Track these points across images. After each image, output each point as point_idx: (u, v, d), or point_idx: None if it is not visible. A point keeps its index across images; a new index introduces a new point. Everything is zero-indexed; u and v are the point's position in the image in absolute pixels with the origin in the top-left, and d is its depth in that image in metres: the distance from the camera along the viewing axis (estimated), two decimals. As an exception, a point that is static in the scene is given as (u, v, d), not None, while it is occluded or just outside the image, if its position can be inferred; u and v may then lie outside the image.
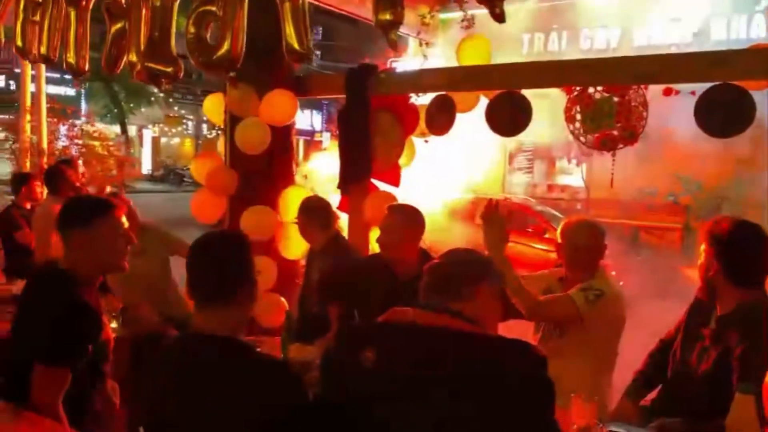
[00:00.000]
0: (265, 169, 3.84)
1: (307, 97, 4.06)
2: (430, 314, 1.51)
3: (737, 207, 8.58)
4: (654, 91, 3.11)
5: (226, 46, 2.85)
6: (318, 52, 13.14)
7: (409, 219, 2.88)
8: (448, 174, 8.46)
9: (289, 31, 2.71)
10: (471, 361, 1.41)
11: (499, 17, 2.41)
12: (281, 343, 2.58)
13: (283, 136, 3.90)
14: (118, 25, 3.32)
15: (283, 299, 3.58)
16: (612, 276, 2.74)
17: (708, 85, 2.86)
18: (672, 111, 3.39)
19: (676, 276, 9.39)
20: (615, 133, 3.16)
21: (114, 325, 3.02)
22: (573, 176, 10.15)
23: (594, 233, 2.63)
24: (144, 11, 3.12)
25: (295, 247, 3.79)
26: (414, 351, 1.46)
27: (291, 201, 3.85)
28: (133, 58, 3.16)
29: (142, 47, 3.12)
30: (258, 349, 2.34)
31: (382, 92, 3.68)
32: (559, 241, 2.67)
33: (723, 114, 2.84)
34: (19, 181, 5.15)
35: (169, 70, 3.09)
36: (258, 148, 3.74)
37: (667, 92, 3.06)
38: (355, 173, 3.70)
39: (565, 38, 10.66)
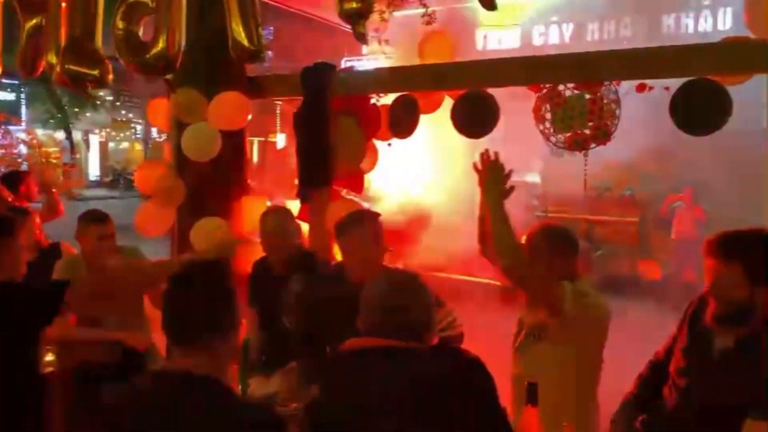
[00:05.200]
0: (216, 178, 3.56)
1: (261, 98, 3.80)
2: (373, 338, 1.64)
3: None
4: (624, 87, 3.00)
5: (161, 44, 2.55)
6: (270, 52, 12.79)
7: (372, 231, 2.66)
8: (413, 173, 8.32)
9: (237, 27, 2.44)
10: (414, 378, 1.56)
11: (489, 4, 2.22)
12: (239, 374, 2.34)
13: (235, 141, 3.64)
14: (34, 21, 2.93)
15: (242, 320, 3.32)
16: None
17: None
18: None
19: (634, 270, 9.52)
20: (587, 132, 3.03)
21: (50, 357, 2.74)
22: (530, 172, 10.13)
23: (562, 237, 2.48)
24: (63, 4, 2.74)
25: (251, 261, 3.53)
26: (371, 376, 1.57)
27: (247, 211, 3.60)
28: (52, 59, 2.78)
29: (62, 46, 2.75)
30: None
31: (341, 92, 3.47)
32: (525, 248, 2.50)
33: (699, 110, 2.74)
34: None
35: (95, 72, 2.73)
36: (207, 154, 3.46)
37: (641, 88, 2.94)
38: (315, 179, 3.47)
39: (519, 35, 10.64)
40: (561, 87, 3.05)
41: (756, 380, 1.77)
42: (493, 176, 2.39)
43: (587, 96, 3.01)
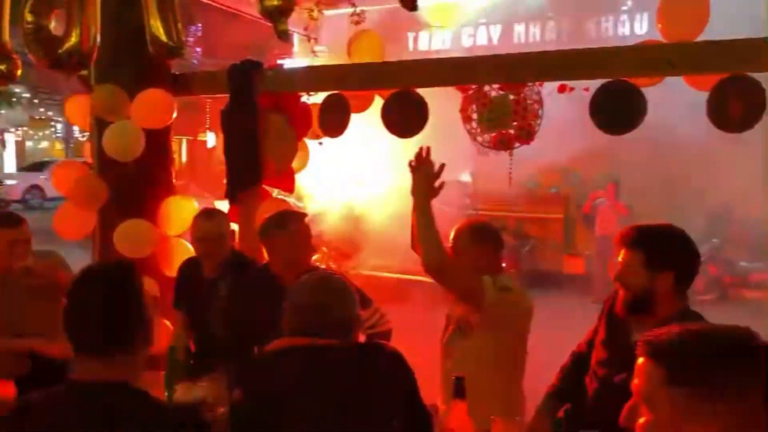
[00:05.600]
0: (140, 178, 3.45)
1: (187, 96, 3.71)
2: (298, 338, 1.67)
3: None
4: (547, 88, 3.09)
5: (74, 39, 2.42)
6: (198, 49, 12.47)
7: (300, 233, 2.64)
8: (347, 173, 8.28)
9: (155, 22, 2.36)
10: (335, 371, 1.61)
11: (410, 4, 2.23)
12: (165, 380, 2.27)
13: (159, 140, 3.53)
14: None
15: (168, 323, 3.22)
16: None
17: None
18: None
19: (560, 265, 9.87)
20: (512, 132, 3.11)
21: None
22: (462, 171, 10.32)
23: (489, 232, 2.54)
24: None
25: (179, 263, 3.44)
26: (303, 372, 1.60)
27: (173, 212, 3.50)
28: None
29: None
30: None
31: (269, 90, 3.42)
32: (452, 243, 2.56)
33: (617, 110, 2.86)
34: None
35: (2, 68, 2.59)
36: (130, 154, 3.35)
37: (562, 89, 3.04)
38: (245, 179, 3.41)
39: (449, 36, 10.80)
40: (487, 88, 3.12)
41: None
42: (422, 172, 2.42)
43: (511, 96, 3.10)
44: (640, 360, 1.11)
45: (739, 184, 8.58)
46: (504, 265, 2.60)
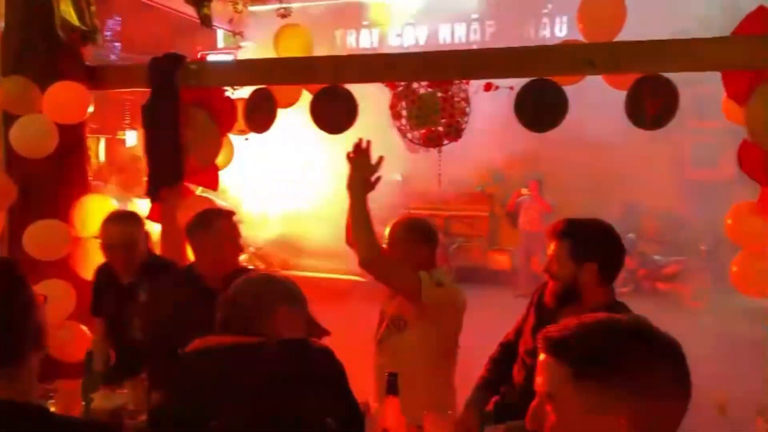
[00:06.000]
0: (52, 176, 3.25)
1: (103, 90, 3.53)
2: (217, 336, 1.60)
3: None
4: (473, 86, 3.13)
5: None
6: (117, 44, 11.93)
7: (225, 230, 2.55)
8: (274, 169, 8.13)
9: (65, 5, 2.22)
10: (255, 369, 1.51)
11: (204, 20, 2.17)
12: (82, 388, 2.14)
13: (73, 136, 3.34)
14: None
15: (85, 328, 3.05)
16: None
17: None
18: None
19: (486, 261, 10.10)
20: (440, 129, 3.14)
21: None
22: (392, 169, 10.42)
23: (424, 229, 2.55)
24: None
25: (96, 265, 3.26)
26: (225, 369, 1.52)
27: (89, 212, 3.32)
28: None
29: None
30: (52, 401, 1.93)
31: (192, 84, 3.30)
32: (388, 239, 2.55)
33: (539, 108, 2.93)
34: None
35: None
36: (42, 150, 3.15)
37: (488, 87, 3.09)
38: (166, 176, 3.27)
39: (376, 35, 10.84)
40: (415, 85, 3.13)
41: None
42: (359, 166, 2.39)
43: (439, 94, 3.12)
44: (542, 357, 1.09)
45: (653, 181, 9.06)
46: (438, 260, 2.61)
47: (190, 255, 3.19)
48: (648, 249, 9.25)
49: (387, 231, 2.52)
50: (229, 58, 6.42)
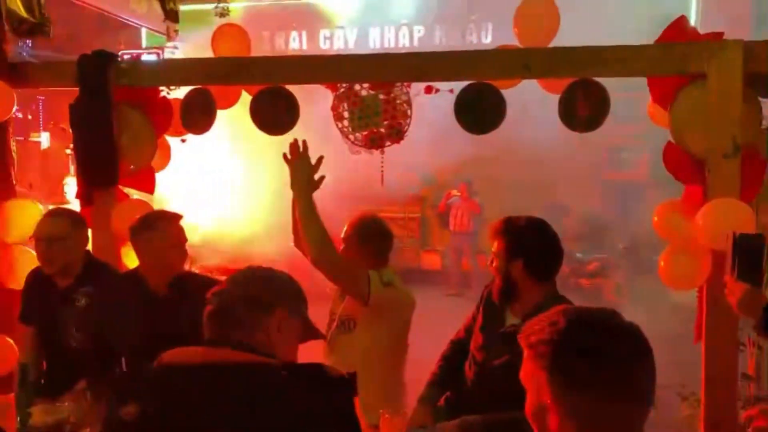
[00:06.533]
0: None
1: (27, 88, 3.34)
2: (209, 350, 1.34)
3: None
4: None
5: None
6: (29, 41, 11.28)
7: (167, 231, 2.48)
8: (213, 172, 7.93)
9: (13, -3, 2.09)
10: (253, 396, 1.26)
11: (170, 15, 2.15)
12: (16, 402, 2.02)
13: (-5, 137, 3.15)
14: None
15: (11, 341, 2.87)
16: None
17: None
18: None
19: (418, 261, 10.25)
20: (382, 131, 3.17)
21: None
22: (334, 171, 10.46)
23: (378, 227, 2.58)
24: None
25: (22, 274, 3.08)
26: (190, 394, 1.28)
27: (13, 217, 3.14)
28: None
29: None
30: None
31: (124, 84, 3.18)
32: (343, 235, 2.56)
33: (479, 111, 3.01)
34: None
35: None
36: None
37: (428, 90, 3.14)
38: (98, 179, 3.14)
39: (305, 38, 10.79)
40: (357, 86, 3.14)
41: None
42: (300, 166, 2.37)
43: (381, 96, 3.15)
44: (525, 353, 1.12)
45: (574, 182, 9.46)
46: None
47: (125, 262, 3.09)
48: (571, 247, 9.66)
49: (343, 230, 2.53)
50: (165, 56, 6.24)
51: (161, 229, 2.40)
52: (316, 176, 2.38)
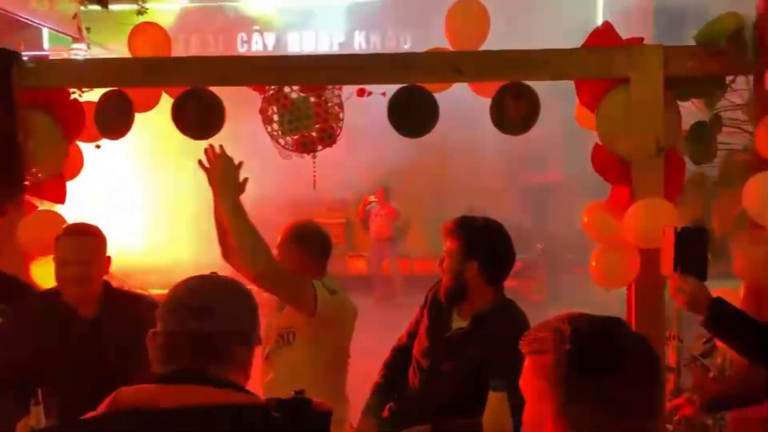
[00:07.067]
0: None
1: None
2: (172, 388, 1.11)
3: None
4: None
5: None
6: None
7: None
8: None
9: None
10: None
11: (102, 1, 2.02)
12: None
13: None
14: None
15: None
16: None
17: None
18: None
19: (345, 267, 10.18)
20: (314, 134, 3.08)
21: None
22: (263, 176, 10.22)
23: (317, 234, 2.48)
24: None
25: None
26: None
27: None
28: None
29: None
30: None
31: (30, 85, 2.93)
32: (279, 243, 2.44)
33: (412, 115, 2.98)
34: None
35: None
36: None
37: (361, 93, 3.09)
38: (3, 189, 2.87)
39: (221, 41, 10.51)
40: (287, 89, 3.04)
41: (493, 354, 1.97)
42: (224, 172, 2.23)
43: (312, 99, 3.06)
44: (527, 361, 1.06)
45: (491, 185, 9.70)
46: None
47: (36, 279, 2.84)
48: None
49: (278, 238, 2.40)
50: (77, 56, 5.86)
51: (62, 243, 2.20)
52: (240, 178, 2.25)
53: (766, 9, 2.69)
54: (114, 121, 3.03)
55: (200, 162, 2.28)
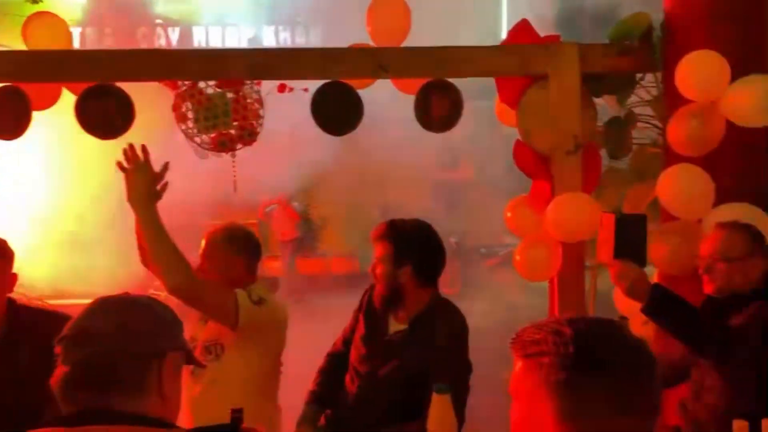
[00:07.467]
0: None
1: None
2: (78, 431, 0.99)
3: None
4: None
5: None
6: None
7: None
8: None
9: None
10: None
11: None
12: None
13: None
14: None
15: None
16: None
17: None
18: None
19: (263, 269, 9.94)
20: (233, 132, 2.94)
21: None
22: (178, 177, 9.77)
23: (245, 238, 2.36)
24: None
25: None
26: None
27: None
28: None
29: None
30: None
31: None
32: (203, 250, 2.29)
33: (337, 112, 2.91)
34: None
35: None
36: None
37: (281, 89, 2.98)
38: None
39: (120, 35, 9.97)
40: (202, 84, 2.88)
41: (433, 356, 1.94)
42: (138, 175, 2.08)
43: (229, 95, 2.92)
44: (520, 363, 1.02)
45: (405, 182, 9.80)
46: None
47: None
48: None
49: (202, 243, 2.25)
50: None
51: None
52: (159, 184, 2.09)
53: (673, 9, 2.83)
54: (8, 119, 2.77)
55: (119, 163, 2.10)
